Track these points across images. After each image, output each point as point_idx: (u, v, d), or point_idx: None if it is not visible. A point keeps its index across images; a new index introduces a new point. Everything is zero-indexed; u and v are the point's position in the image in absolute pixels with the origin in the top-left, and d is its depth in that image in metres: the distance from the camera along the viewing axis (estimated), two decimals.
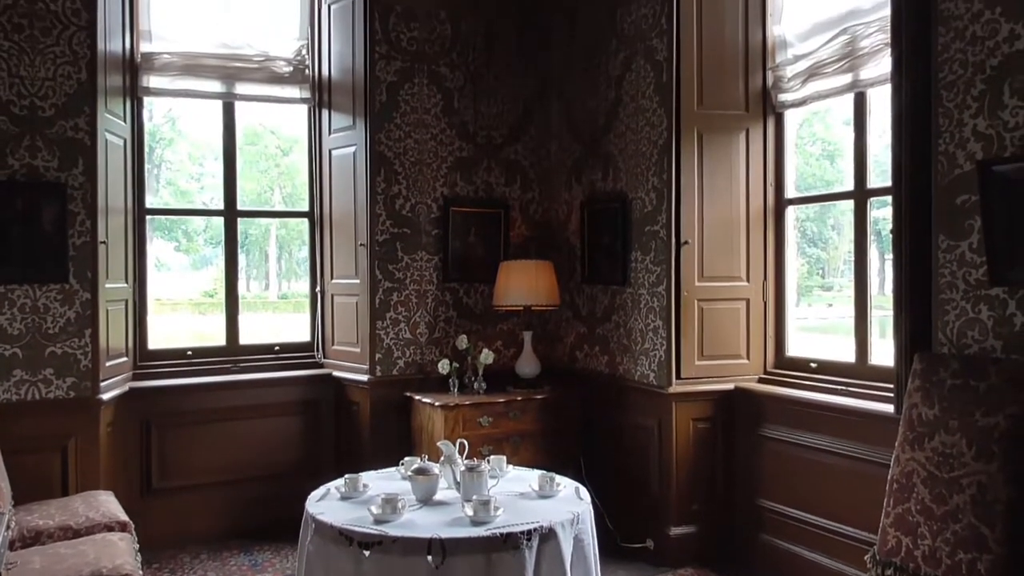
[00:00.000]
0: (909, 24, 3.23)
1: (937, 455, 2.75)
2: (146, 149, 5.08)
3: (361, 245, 5.04)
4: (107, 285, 4.43)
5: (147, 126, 5.07)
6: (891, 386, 3.47)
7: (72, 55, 4.26)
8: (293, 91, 5.29)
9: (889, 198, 3.53)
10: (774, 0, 4.46)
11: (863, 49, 3.87)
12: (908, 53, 3.24)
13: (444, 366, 4.87)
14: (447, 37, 5.19)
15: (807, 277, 5.32)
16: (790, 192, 4.56)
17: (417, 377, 5.09)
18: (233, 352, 5.21)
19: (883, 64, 3.70)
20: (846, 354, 4.08)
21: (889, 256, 3.73)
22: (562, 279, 5.23)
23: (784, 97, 4.38)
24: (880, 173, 3.96)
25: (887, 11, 3.46)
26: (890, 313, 3.46)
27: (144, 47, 4.89)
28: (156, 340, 5.13)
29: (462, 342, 4.96)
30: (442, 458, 3.40)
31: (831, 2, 4.07)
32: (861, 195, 4.02)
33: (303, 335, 5.50)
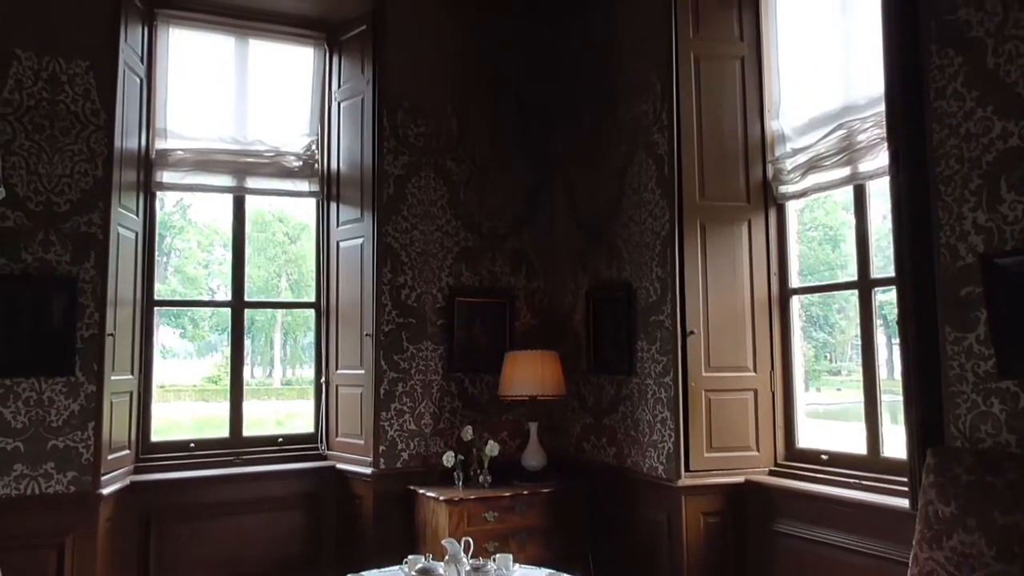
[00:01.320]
0: (903, 121, 3.31)
1: (957, 555, 2.67)
2: (156, 238, 5.16)
3: (367, 335, 5.06)
4: (113, 377, 4.42)
5: (158, 215, 5.16)
6: (905, 479, 3.40)
7: (89, 153, 4.38)
8: (303, 184, 5.41)
9: (894, 287, 3.54)
10: (771, 96, 4.59)
11: (860, 143, 3.95)
12: (904, 148, 3.31)
13: (449, 458, 4.80)
14: (453, 132, 5.33)
15: (814, 362, 5.29)
16: (794, 281, 4.58)
17: (421, 470, 5.02)
18: (236, 444, 5.15)
19: (881, 158, 3.77)
20: (858, 445, 4.01)
21: (896, 340, 3.72)
22: (568, 369, 5.21)
23: (785, 189, 4.46)
24: (883, 258, 3.98)
25: (882, 107, 3.54)
26: (900, 398, 3.42)
27: (159, 144, 5.03)
28: (159, 429, 5.09)
29: (467, 433, 4.91)
30: (447, 557, 3.32)
31: (827, 98, 4.18)
32: (865, 285, 4.04)
33: (307, 424, 5.46)
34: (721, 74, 4.58)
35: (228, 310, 5.42)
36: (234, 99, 5.30)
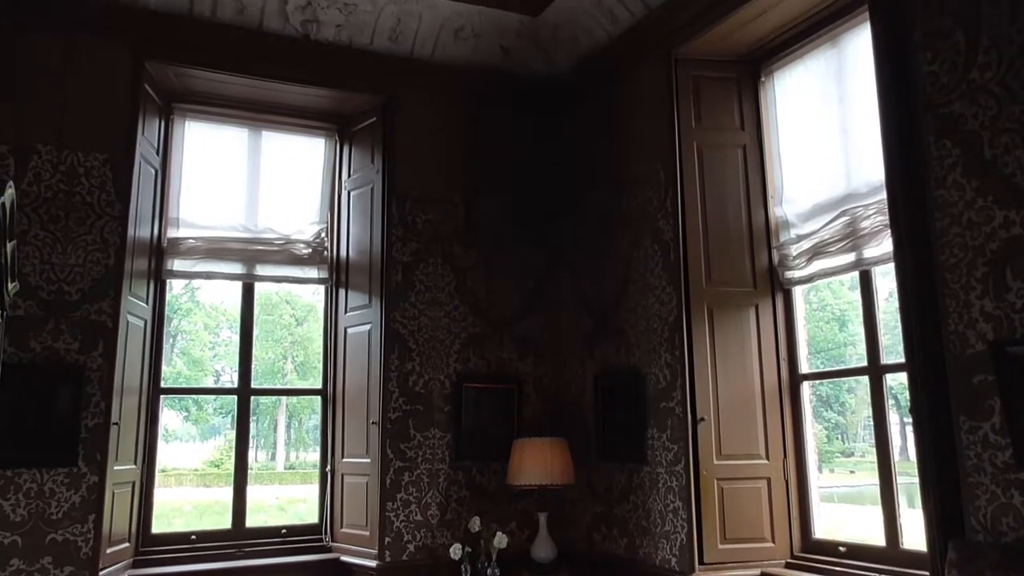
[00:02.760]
0: (905, 209, 3.35)
1: None
2: (165, 322, 5.17)
3: (373, 423, 5.01)
4: (116, 467, 4.38)
5: (167, 299, 5.19)
6: (926, 574, 3.29)
7: (102, 243, 4.45)
8: (311, 271, 5.46)
9: (904, 372, 3.50)
10: (774, 183, 4.66)
11: (864, 230, 3.99)
12: (907, 236, 3.33)
13: (456, 551, 4.69)
14: (460, 219, 5.41)
15: (827, 443, 5.22)
16: (804, 366, 4.55)
17: (428, 562, 4.89)
18: (239, 535, 5.05)
19: (885, 244, 3.80)
20: (875, 533, 3.91)
21: (909, 420, 3.66)
22: (577, 456, 5.13)
23: (791, 275, 4.48)
24: (893, 335, 3.95)
25: (883, 194, 3.59)
26: (916, 480, 3.34)
27: (171, 232, 5.11)
28: (160, 515, 5.00)
29: (475, 524, 4.81)
30: None
31: (828, 185, 4.24)
32: (876, 371, 4.01)
33: (310, 511, 5.36)
34: (724, 162, 4.67)
35: (233, 395, 5.36)
36: (246, 188, 5.41)
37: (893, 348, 3.94)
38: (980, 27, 3.10)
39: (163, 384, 5.11)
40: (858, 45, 4.06)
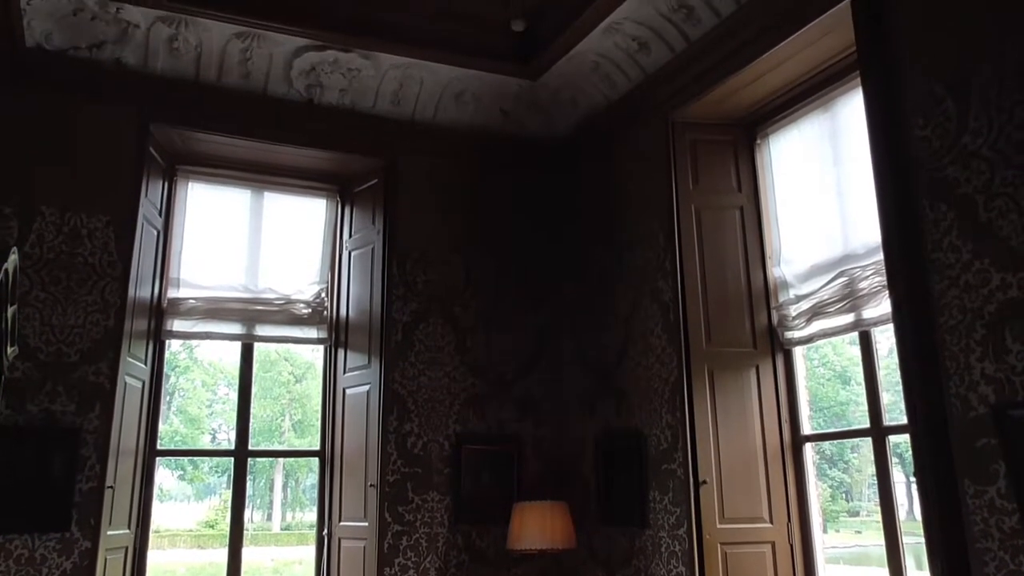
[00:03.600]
0: (903, 272, 3.36)
1: None
2: (163, 380, 5.14)
3: (371, 486, 4.95)
4: (109, 532, 4.31)
5: (165, 356, 5.17)
6: None
7: (103, 303, 4.46)
8: (311, 332, 5.46)
9: (907, 434, 3.48)
10: (772, 243, 4.69)
11: (862, 290, 4.01)
12: (906, 298, 3.34)
13: None
14: (460, 278, 5.43)
15: (831, 502, 5.15)
16: (806, 428, 4.51)
17: None
18: None
19: (884, 304, 3.81)
20: None
21: (914, 479, 3.62)
22: (578, 519, 5.05)
23: (791, 335, 4.48)
24: (895, 392, 3.92)
25: (881, 255, 3.60)
26: (922, 540, 3.29)
27: (171, 293, 5.12)
28: None
29: None
30: None
31: (826, 246, 4.27)
32: (879, 432, 3.98)
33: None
34: (722, 223, 4.71)
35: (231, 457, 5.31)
36: (247, 248, 5.44)
37: (896, 405, 3.92)
38: (969, 94, 3.16)
39: (159, 445, 5.05)
40: (851, 109, 4.14)
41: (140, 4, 4.43)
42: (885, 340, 4.05)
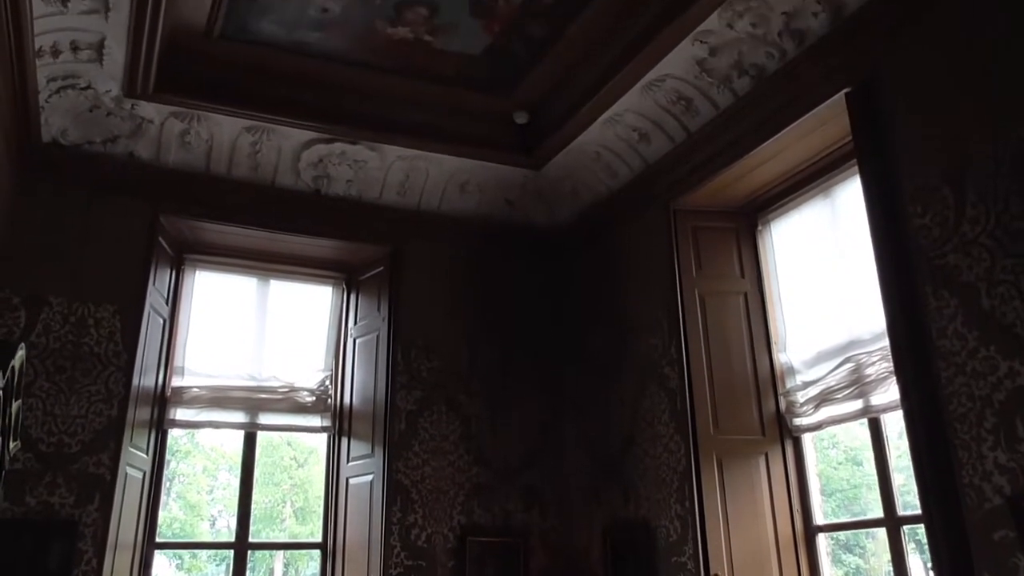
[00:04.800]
0: (909, 359, 3.35)
1: None
2: (163, 473, 5.07)
3: None
4: None
5: (167, 441, 5.12)
6: None
7: (107, 393, 4.45)
8: (314, 420, 5.42)
9: (922, 524, 3.39)
10: (777, 329, 4.69)
11: (869, 376, 3.98)
12: (914, 385, 3.32)
13: None
14: (465, 366, 5.41)
15: None
16: (818, 517, 4.41)
17: None
18: None
19: (892, 390, 3.77)
20: None
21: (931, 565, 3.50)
22: None
23: (799, 422, 4.42)
24: (909, 477, 3.83)
25: (887, 341, 3.60)
26: None
27: (175, 381, 5.11)
28: None
29: None
30: None
31: (831, 331, 4.26)
32: (892, 523, 3.88)
33: None
34: (726, 309, 4.72)
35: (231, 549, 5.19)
36: (252, 336, 5.46)
37: (909, 488, 3.83)
38: (965, 183, 3.21)
39: (158, 534, 4.95)
40: (851, 194, 4.18)
41: (154, 101, 4.58)
42: (896, 422, 3.99)
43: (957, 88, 3.27)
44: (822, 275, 4.38)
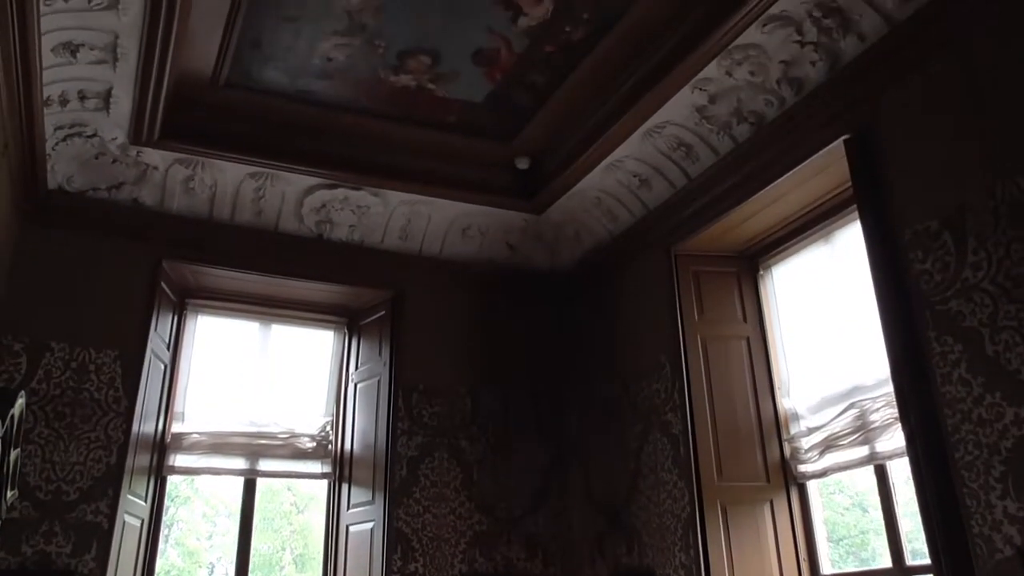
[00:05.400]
0: (914, 405, 3.32)
1: None
2: (162, 520, 5.01)
3: None
4: None
5: (167, 488, 5.06)
6: None
7: (106, 439, 4.42)
8: (315, 466, 5.37)
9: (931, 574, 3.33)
10: (780, 375, 4.66)
11: (874, 422, 3.94)
12: (920, 432, 3.28)
13: None
14: (467, 411, 5.38)
15: None
16: (825, 566, 4.34)
17: None
18: None
19: (897, 436, 3.74)
20: None
21: None
22: None
23: (804, 468, 4.37)
24: (917, 523, 3.76)
25: (891, 387, 3.57)
26: None
27: (175, 427, 5.08)
28: None
29: None
30: None
31: (835, 377, 4.24)
32: (901, 573, 3.81)
33: None
34: (728, 354, 4.70)
35: None
36: (253, 381, 5.43)
37: (918, 534, 3.76)
38: (965, 229, 3.22)
39: None
40: (852, 239, 4.19)
41: (160, 148, 4.62)
42: (903, 466, 3.94)
43: (955, 134, 3.30)
44: (824, 319, 4.38)
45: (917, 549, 3.85)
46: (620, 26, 4.08)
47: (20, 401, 2.47)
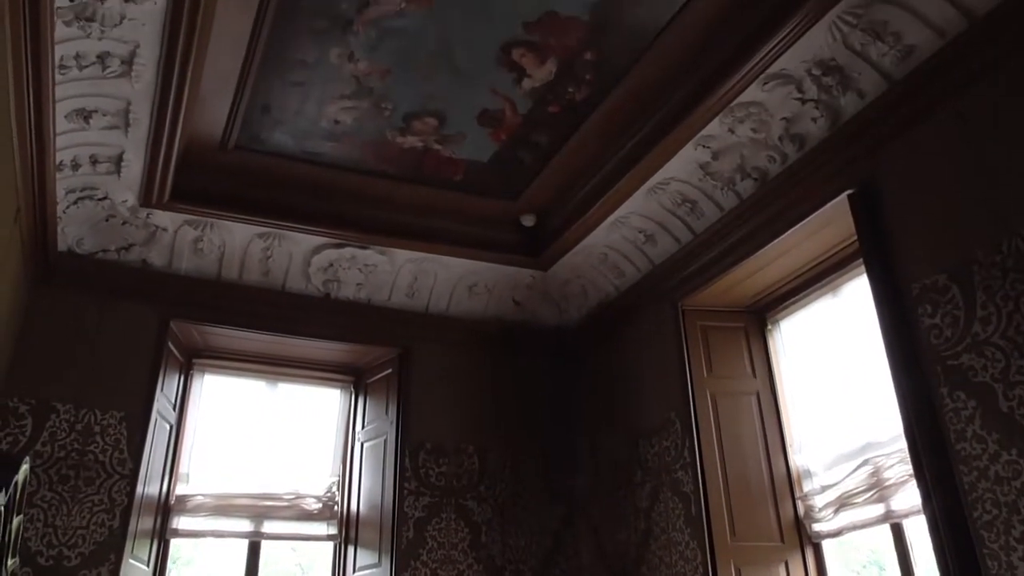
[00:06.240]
0: (929, 462, 3.26)
1: None
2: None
3: None
4: None
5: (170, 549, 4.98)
6: None
7: (110, 503, 4.37)
8: (320, 527, 5.28)
9: None
10: (791, 431, 4.60)
11: (889, 480, 3.87)
12: (935, 490, 3.21)
13: None
14: (475, 471, 5.31)
15: None
16: None
17: None
18: None
19: (913, 494, 3.66)
20: None
21: None
22: None
23: (818, 527, 4.28)
24: None
25: (904, 442, 3.51)
26: None
27: (180, 489, 5.02)
28: None
29: None
30: None
31: (847, 433, 4.18)
32: None
33: None
34: (738, 410, 4.65)
35: None
36: (258, 441, 5.39)
37: None
38: (973, 283, 3.20)
39: None
40: (859, 292, 4.18)
41: (169, 209, 4.68)
42: (920, 524, 3.85)
43: (959, 188, 3.30)
44: (834, 374, 4.34)
45: None
46: (622, 86, 4.14)
47: (24, 467, 2.45)
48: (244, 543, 5.16)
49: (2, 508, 2.27)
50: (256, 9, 3.56)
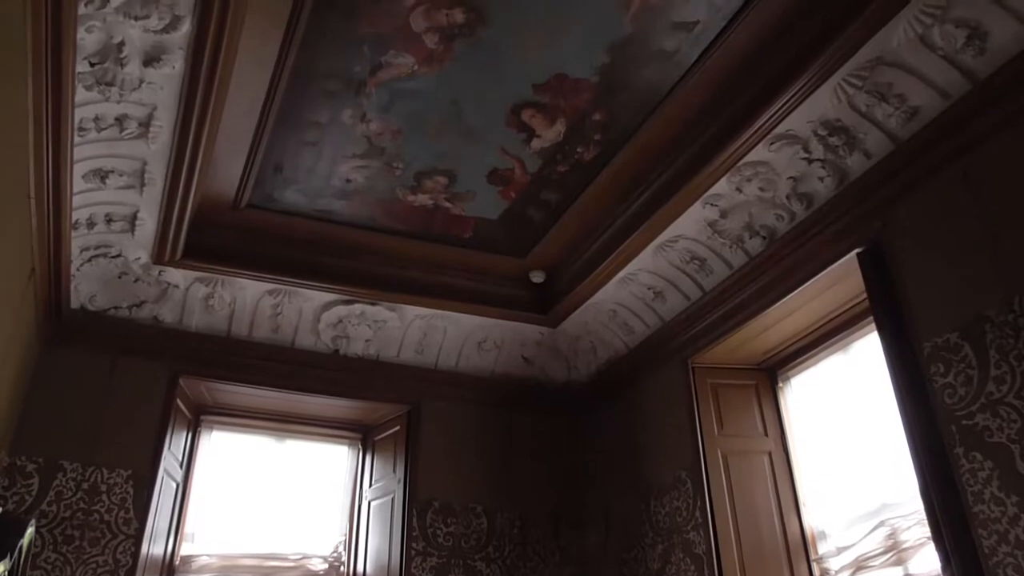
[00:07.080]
0: (947, 525, 3.19)
1: None
2: None
3: None
4: None
5: None
6: None
7: (114, 564, 4.31)
8: None
9: None
10: (804, 491, 4.53)
11: (906, 542, 3.79)
12: (955, 555, 3.14)
13: None
14: (483, 531, 5.22)
15: None
16: None
17: None
18: None
19: (931, 557, 3.58)
20: None
21: None
22: None
23: None
24: None
25: (920, 503, 3.45)
26: None
27: (185, 548, 4.96)
28: None
29: None
30: None
31: (862, 494, 4.11)
32: None
33: None
34: (750, 469, 4.58)
35: None
36: (265, 499, 5.33)
37: None
38: (986, 341, 3.17)
39: None
40: (870, 350, 4.14)
41: (181, 267, 4.72)
42: None
43: (969, 245, 3.29)
44: (847, 432, 4.28)
45: None
46: (630, 146, 4.19)
47: (30, 530, 2.43)
48: None
49: (6, 573, 2.25)
50: (271, 72, 3.64)
